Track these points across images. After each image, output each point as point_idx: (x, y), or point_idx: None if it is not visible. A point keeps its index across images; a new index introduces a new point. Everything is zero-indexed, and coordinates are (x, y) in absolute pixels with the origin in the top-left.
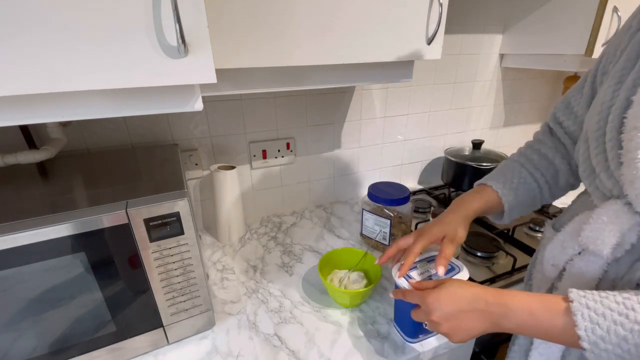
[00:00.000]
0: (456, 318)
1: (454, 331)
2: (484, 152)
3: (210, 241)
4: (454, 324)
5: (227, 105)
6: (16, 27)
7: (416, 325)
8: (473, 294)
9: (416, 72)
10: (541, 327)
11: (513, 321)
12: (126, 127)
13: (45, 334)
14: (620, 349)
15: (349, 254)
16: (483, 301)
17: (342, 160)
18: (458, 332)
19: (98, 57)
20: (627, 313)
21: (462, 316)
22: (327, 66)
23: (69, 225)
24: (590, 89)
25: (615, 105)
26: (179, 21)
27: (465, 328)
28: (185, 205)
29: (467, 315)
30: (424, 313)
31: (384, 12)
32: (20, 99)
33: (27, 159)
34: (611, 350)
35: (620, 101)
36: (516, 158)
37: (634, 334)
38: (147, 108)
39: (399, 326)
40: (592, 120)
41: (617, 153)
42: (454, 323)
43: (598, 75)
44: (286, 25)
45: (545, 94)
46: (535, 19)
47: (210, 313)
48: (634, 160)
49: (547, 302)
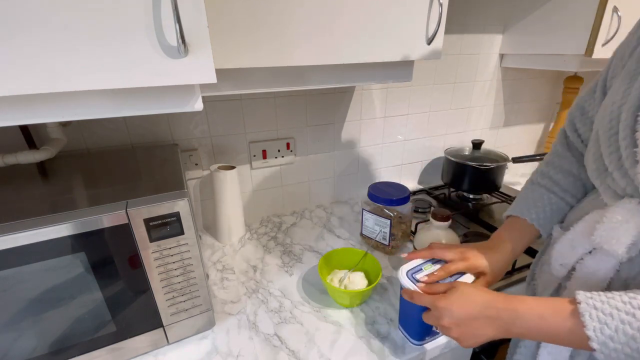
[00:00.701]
0: (467, 324)
1: (465, 336)
2: (484, 152)
3: (210, 241)
4: (465, 330)
5: (227, 105)
6: (16, 27)
7: (423, 328)
8: (484, 300)
9: (416, 72)
10: (550, 330)
11: (524, 326)
12: (126, 127)
13: (45, 334)
14: (629, 347)
15: (349, 254)
16: (494, 308)
17: (342, 160)
18: (468, 337)
19: (98, 57)
20: (634, 312)
21: (473, 323)
22: (327, 66)
23: (69, 225)
24: (601, 92)
25: (627, 105)
26: (179, 21)
27: (475, 334)
28: (185, 205)
29: (478, 321)
30: (434, 317)
31: (384, 12)
32: (20, 99)
33: (27, 159)
34: (620, 349)
35: (632, 100)
36: (540, 181)
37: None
38: (147, 108)
39: (404, 328)
40: (604, 120)
41: (632, 151)
42: (465, 329)
43: (608, 79)
44: (286, 25)
45: (545, 94)
46: (535, 19)
47: (210, 313)
48: None
49: (555, 305)
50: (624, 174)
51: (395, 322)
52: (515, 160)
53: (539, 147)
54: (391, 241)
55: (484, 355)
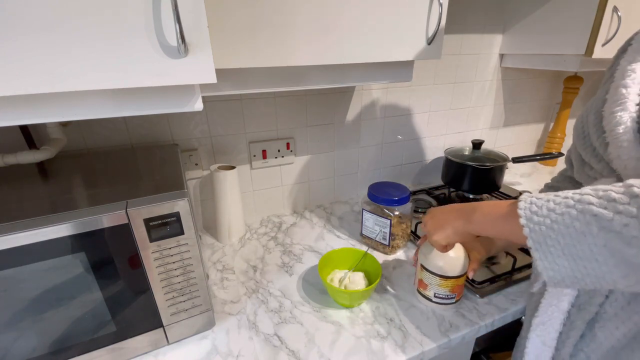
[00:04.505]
0: (438, 217)
1: (435, 227)
2: (484, 152)
3: (210, 241)
4: (436, 222)
5: (227, 105)
6: (16, 27)
7: None
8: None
9: (416, 72)
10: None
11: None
12: (126, 127)
13: (45, 334)
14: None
15: (349, 254)
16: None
17: (342, 160)
18: (437, 227)
19: (98, 57)
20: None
21: (442, 215)
22: (327, 66)
23: (69, 225)
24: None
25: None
26: (179, 21)
27: (443, 224)
28: (185, 205)
29: (447, 214)
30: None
31: (384, 12)
32: (20, 99)
33: (27, 159)
34: (542, 221)
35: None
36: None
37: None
38: (147, 108)
39: None
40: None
41: (602, 137)
42: (436, 221)
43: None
44: (286, 25)
45: (545, 94)
46: (535, 19)
47: (210, 313)
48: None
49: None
50: (600, 159)
51: (395, 322)
52: (515, 160)
53: (539, 147)
54: (391, 241)
55: (484, 355)
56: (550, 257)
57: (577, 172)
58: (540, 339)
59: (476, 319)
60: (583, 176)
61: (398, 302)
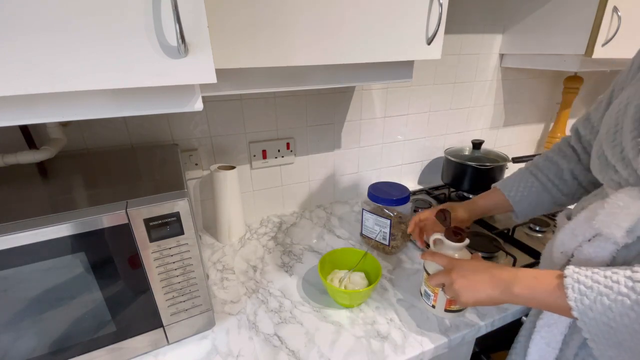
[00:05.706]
0: (471, 278)
1: (465, 289)
2: (484, 152)
3: (210, 241)
4: (467, 283)
5: (227, 105)
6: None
7: None
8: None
9: (416, 72)
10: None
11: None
12: (126, 127)
13: (45, 334)
14: (606, 317)
15: (349, 254)
16: (499, 268)
17: (342, 160)
18: (468, 290)
19: (98, 57)
20: (611, 285)
21: (476, 276)
22: (327, 66)
23: (68, 225)
24: (607, 103)
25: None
26: (179, 21)
27: (476, 288)
28: (185, 205)
29: (481, 276)
30: (444, 273)
31: (384, 12)
32: (20, 99)
33: (27, 159)
34: (598, 318)
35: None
36: (529, 167)
37: (617, 303)
38: (148, 108)
39: None
40: (610, 119)
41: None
42: (468, 282)
43: (616, 90)
44: (286, 25)
45: (545, 94)
46: (535, 19)
47: (210, 313)
48: None
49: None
50: (627, 165)
51: (395, 322)
52: (515, 160)
53: (539, 147)
54: (391, 241)
55: (484, 355)
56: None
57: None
58: (544, 340)
59: (476, 319)
60: (605, 178)
61: (398, 302)
